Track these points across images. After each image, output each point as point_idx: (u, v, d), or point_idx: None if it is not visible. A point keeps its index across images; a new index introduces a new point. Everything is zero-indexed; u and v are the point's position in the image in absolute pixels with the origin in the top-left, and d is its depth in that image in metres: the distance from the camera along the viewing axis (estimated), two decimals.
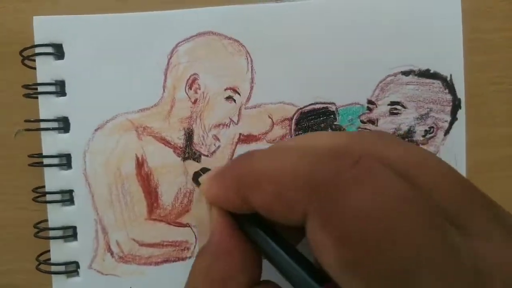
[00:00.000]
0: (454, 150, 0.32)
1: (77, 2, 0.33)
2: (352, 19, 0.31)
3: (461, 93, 0.32)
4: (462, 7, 0.32)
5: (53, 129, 0.31)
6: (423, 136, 0.32)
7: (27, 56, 0.31)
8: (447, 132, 0.32)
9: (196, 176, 0.26)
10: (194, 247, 0.31)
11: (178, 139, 0.31)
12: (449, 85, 0.32)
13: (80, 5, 0.32)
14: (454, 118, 0.32)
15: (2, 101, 0.33)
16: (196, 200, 0.25)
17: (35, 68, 0.31)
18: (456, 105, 0.32)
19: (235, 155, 0.32)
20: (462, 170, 0.32)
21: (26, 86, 0.31)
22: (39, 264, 0.31)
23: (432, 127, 0.32)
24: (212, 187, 0.22)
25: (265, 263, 0.22)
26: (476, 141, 0.33)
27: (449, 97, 0.32)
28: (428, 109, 0.32)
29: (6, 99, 0.33)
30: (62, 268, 0.31)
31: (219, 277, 0.21)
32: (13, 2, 0.32)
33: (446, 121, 0.32)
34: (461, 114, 0.32)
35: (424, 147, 0.32)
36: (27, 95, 0.31)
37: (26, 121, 0.31)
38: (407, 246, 0.17)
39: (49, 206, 0.31)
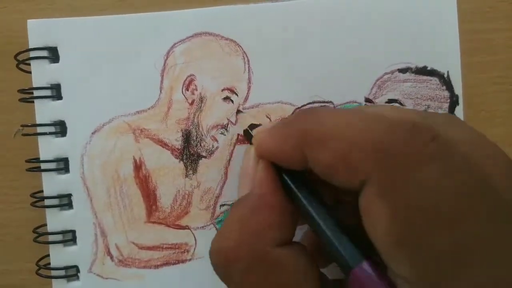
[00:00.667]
0: None
1: (75, 3, 0.32)
2: (348, 17, 0.31)
3: (458, 89, 0.32)
4: (462, 8, 0.32)
5: (50, 133, 0.31)
6: None
7: (23, 60, 0.31)
8: None
9: (249, 129, 0.26)
10: (194, 249, 0.31)
11: (176, 140, 0.31)
12: (446, 82, 0.32)
13: (78, 5, 0.32)
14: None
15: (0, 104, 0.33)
16: (245, 152, 0.25)
17: (30, 72, 0.31)
18: (453, 102, 0.32)
19: (234, 156, 0.32)
20: None
21: (22, 91, 0.31)
22: (39, 269, 0.31)
23: None
24: (267, 140, 0.22)
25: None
26: None
27: (446, 93, 0.32)
28: (426, 106, 0.32)
29: (4, 101, 0.32)
30: (62, 272, 0.31)
31: (255, 229, 0.21)
32: (12, 2, 0.32)
33: None
34: (459, 110, 0.32)
35: None
36: (23, 100, 0.31)
37: (22, 125, 0.31)
38: (467, 233, 0.16)
39: (47, 210, 0.31)
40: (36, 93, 0.31)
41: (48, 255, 0.31)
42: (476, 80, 0.34)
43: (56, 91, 0.31)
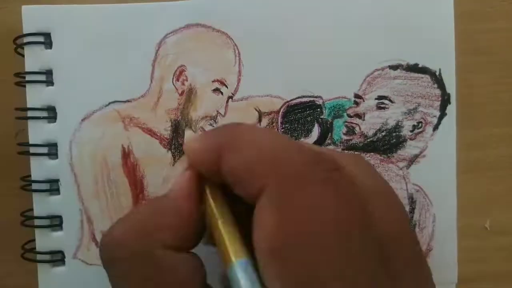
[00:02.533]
0: (443, 145, 0.32)
1: None
2: (340, 12, 0.31)
3: (451, 88, 0.32)
4: (462, 7, 0.32)
5: (41, 118, 0.31)
6: (411, 131, 0.32)
7: (18, 45, 0.31)
8: (436, 127, 0.32)
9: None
10: None
11: (165, 130, 0.31)
12: (438, 80, 0.32)
13: None
14: (443, 113, 0.32)
15: None
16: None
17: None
18: (445, 100, 0.32)
19: None
20: (452, 169, 0.32)
21: (17, 75, 0.31)
22: (24, 252, 0.31)
23: (421, 122, 0.32)
24: (192, 146, 0.23)
25: None
26: (474, 141, 0.34)
27: (438, 91, 0.32)
28: (417, 104, 0.32)
29: None
30: (47, 257, 0.31)
31: (148, 227, 0.21)
32: None
33: (435, 116, 0.32)
34: (451, 109, 0.32)
35: (413, 142, 0.32)
36: (16, 84, 0.31)
37: (16, 109, 0.31)
38: (332, 262, 0.17)
39: (34, 195, 0.31)
40: (28, 77, 0.31)
41: (33, 240, 0.31)
42: (476, 80, 0.34)
43: (48, 77, 0.31)
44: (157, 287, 0.21)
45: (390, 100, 0.32)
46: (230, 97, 0.32)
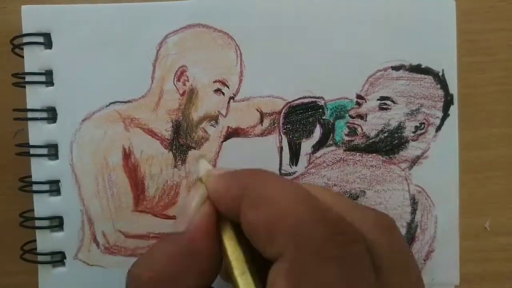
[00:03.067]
0: (446, 147, 0.32)
1: None
2: (342, 13, 0.31)
3: (453, 88, 0.32)
4: (462, 7, 0.32)
5: (41, 119, 0.31)
6: (413, 132, 0.32)
7: (17, 45, 0.31)
8: (438, 128, 0.32)
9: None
10: None
11: (166, 131, 0.31)
12: (441, 81, 0.31)
13: None
14: (446, 114, 0.32)
15: None
16: (193, 188, 0.25)
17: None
18: (448, 101, 0.32)
19: (223, 148, 0.31)
20: (455, 170, 0.32)
21: (15, 75, 0.31)
22: (23, 253, 0.31)
23: (423, 123, 0.32)
24: (215, 183, 0.23)
25: None
26: (475, 140, 0.33)
27: (441, 92, 0.31)
28: (419, 105, 0.31)
29: None
30: (48, 258, 0.31)
31: (178, 269, 0.21)
32: None
33: (437, 117, 0.32)
34: (454, 110, 0.32)
35: (415, 143, 0.32)
36: (15, 84, 0.31)
37: (14, 110, 0.31)
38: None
39: (35, 196, 0.31)
40: (28, 78, 0.31)
41: (32, 241, 0.31)
42: (476, 80, 0.33)
43: (48, 77, 0.31)
44: None
45: (392, 101, 0.31)
46: (231, 98, 0.31)
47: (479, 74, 0.33)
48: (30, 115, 0.31)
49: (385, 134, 0.32)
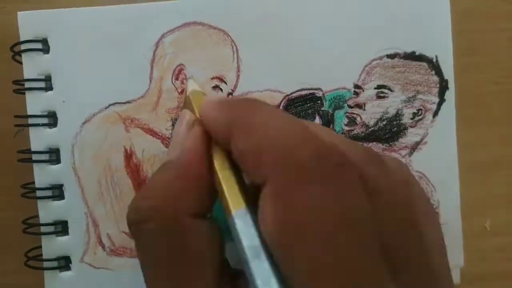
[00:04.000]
0: (444, 131, 0.32)
1: None
2: (335, 5, 0.32)
3: (449, 74, 0.32)
4: (462, 7, 0.32)
5: (42, 124, 0.31)
6: (411, 118, 0.32)
7: (17, 52, 0.31)
8: (435, 113, 0.32)
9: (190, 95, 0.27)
10: None
11: (166, 130, 0.31)
12: (435, 67, 0.32)
13: None
14: (442, 100, 0.32)
15: None
16: (180, 115, 0.25)
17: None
18: (443, 86, 0.32)
19: None
20: (454, 153, 0.32)
21: (15, 82, 0.31)
22: (27, 260, 0.31)
23: (420, 109, 0.32)
24: (209, 107, 0.23)
25: None
26: (475, 140, 0.34)
27: (435, 78, 0.32)
28: (415, 92, 0.32)
29: None
30: (54, 263, 0.31)
31: (175, 194, 0.21)
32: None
33: (434, 102, 0.32)
34: (450, 95, 0.32)
35: (413, 129, 0.32)
36: (16, 91, 0.31)
37: (16, 116, 0.31)
38: (330, 255, 0.17)
39: (39, 201, 0.31)
40: (27, 84, 0.31)
41: (37, 247, 0.31)
42: (476, 80, 0.34)
43: (47, 82, 0.31)
44: (182, 254, 0.21)
45: (389, 89, 0.32)
46: (229, 94, 0.32)
47: (479, 74, 0.34)
48: (30, 121, 0.31)
49: (384, 122, 0.32)
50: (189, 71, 0.31)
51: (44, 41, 0.31)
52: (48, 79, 0.31)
